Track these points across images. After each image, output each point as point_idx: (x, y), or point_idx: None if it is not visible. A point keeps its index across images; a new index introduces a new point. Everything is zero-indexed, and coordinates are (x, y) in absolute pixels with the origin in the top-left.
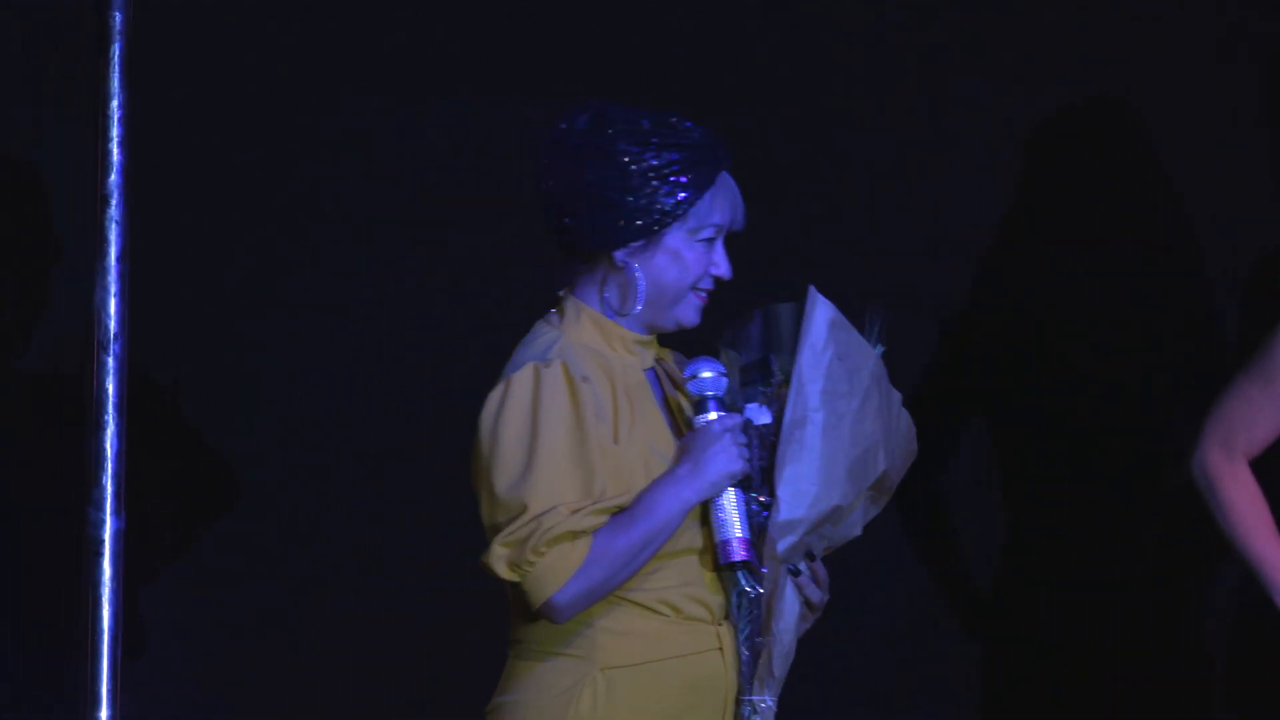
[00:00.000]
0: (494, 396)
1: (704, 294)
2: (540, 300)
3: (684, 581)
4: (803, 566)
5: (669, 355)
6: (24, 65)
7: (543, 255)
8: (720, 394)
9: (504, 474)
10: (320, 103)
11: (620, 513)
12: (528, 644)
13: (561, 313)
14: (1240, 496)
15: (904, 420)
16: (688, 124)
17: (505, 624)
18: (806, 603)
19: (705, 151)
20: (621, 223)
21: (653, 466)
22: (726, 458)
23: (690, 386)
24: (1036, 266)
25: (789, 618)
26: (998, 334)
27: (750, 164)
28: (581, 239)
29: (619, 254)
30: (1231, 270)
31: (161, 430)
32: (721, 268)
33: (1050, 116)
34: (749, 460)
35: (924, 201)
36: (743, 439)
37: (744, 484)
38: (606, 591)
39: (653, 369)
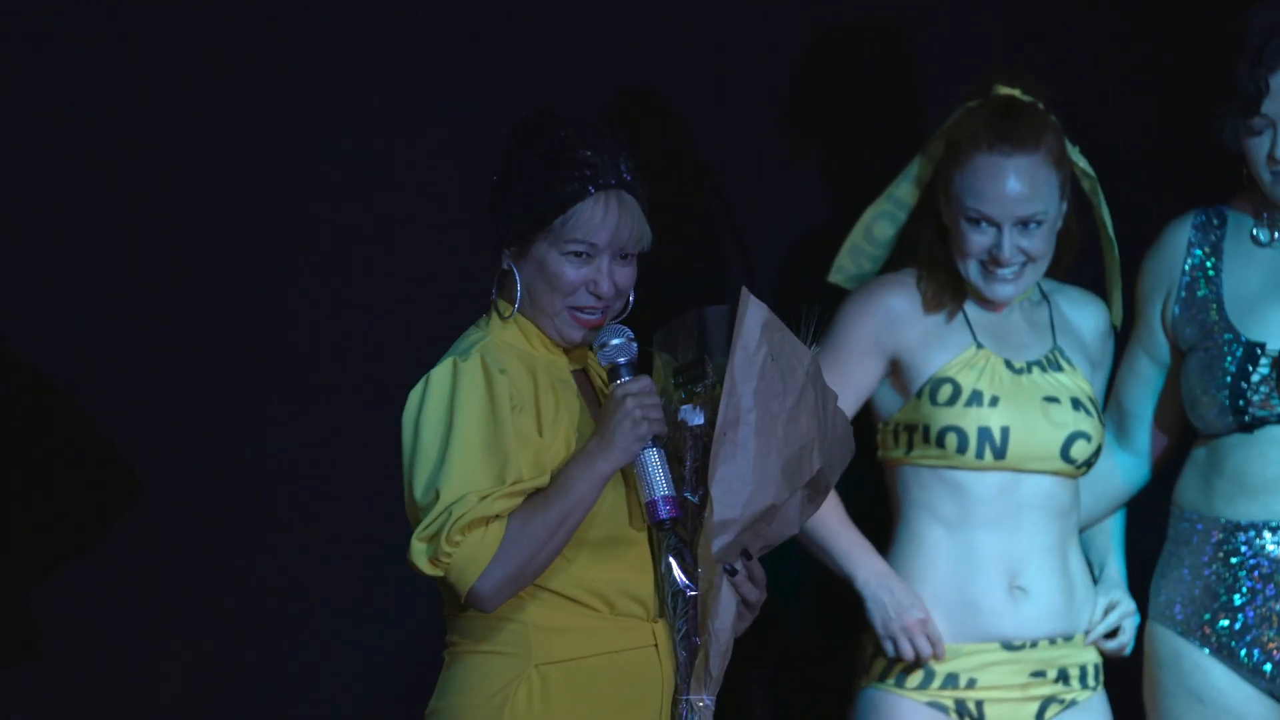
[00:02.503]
0: (414, 394)
1: (585, 317)
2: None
3: (616, 576)
4: (739, 565)
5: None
6: None
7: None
8: (629, 360)
9: (423, 469)
10: (320, 104)
11: (535, 494)
12: (461, 644)
13: (487, 314)
14: None
15: (840, 420)
16: (583, 138)
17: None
18: (744, 601)
19: (578, 167)
20: (500, 226)
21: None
22: (630, 421)
23: (599, 357)
24: None
25: (725, 616)
26: None
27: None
28: (490, 240)
29: (505, 256)
30: None
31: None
32: (600, 287)
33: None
34: (661, 420)
35: None
36: (651, 400)
37: (664, 445)
38: (531, 574)
39: (583, 369)
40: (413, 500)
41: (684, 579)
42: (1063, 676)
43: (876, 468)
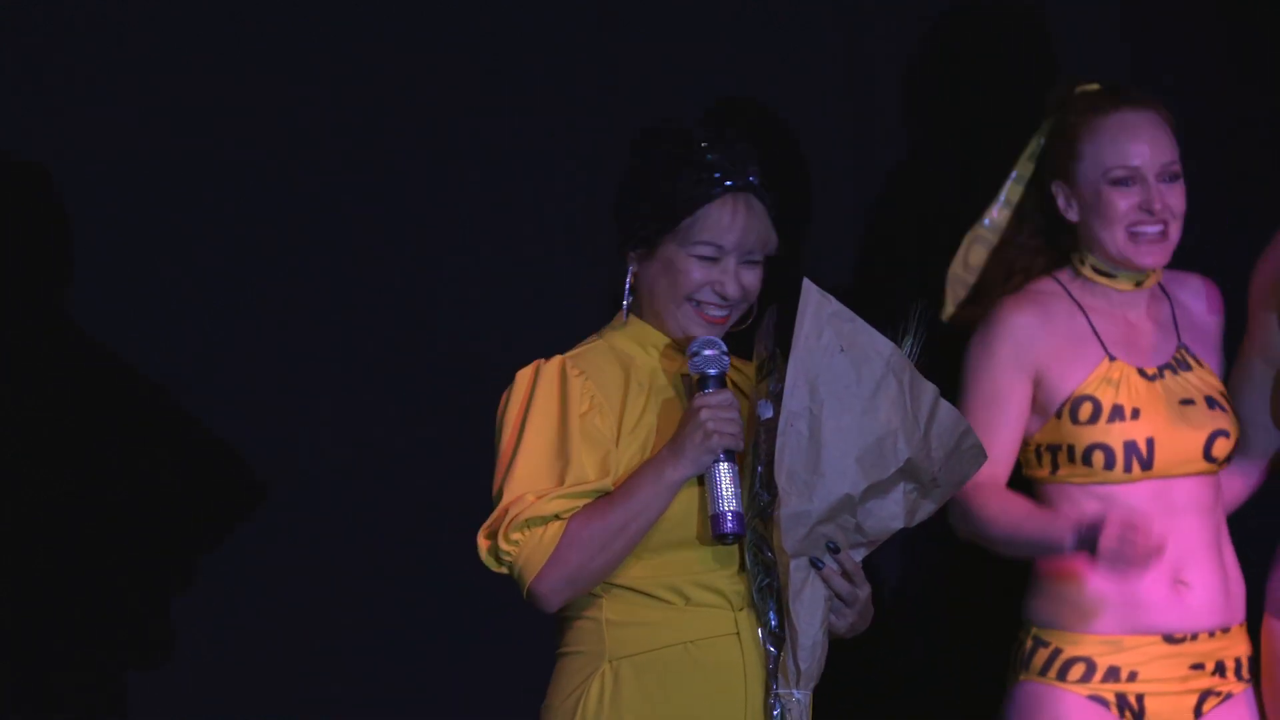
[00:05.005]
0: (503, 397)
1: (711, 313)
2: (542, 302)
3: (689, 569)
4: (826, 559)
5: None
6: None
7: (543, 258)
8: (719, 372)
9: (498, 468)
10: (324, 104)
11: (600, 497)
12: (560, 646)
13: (617, 316)
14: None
15: (945, 415)
16: (711, 141)
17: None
18: (837, 595)
19: (711, 171)
20: (630, 227)
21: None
22: (702, 434)
23: (690, 365)
24: None
25: (812, 611)
26: None
27: None
28: (616, 239)
29: (631, 256)
30: None
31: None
32: (725, 287)
33: None
34: (735, 435)
35: None
36: (728, 415)
37: (738, 459)
38: (590, 576)
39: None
40: (492, 499)
41: (765, 574)
42: (1219, 669)
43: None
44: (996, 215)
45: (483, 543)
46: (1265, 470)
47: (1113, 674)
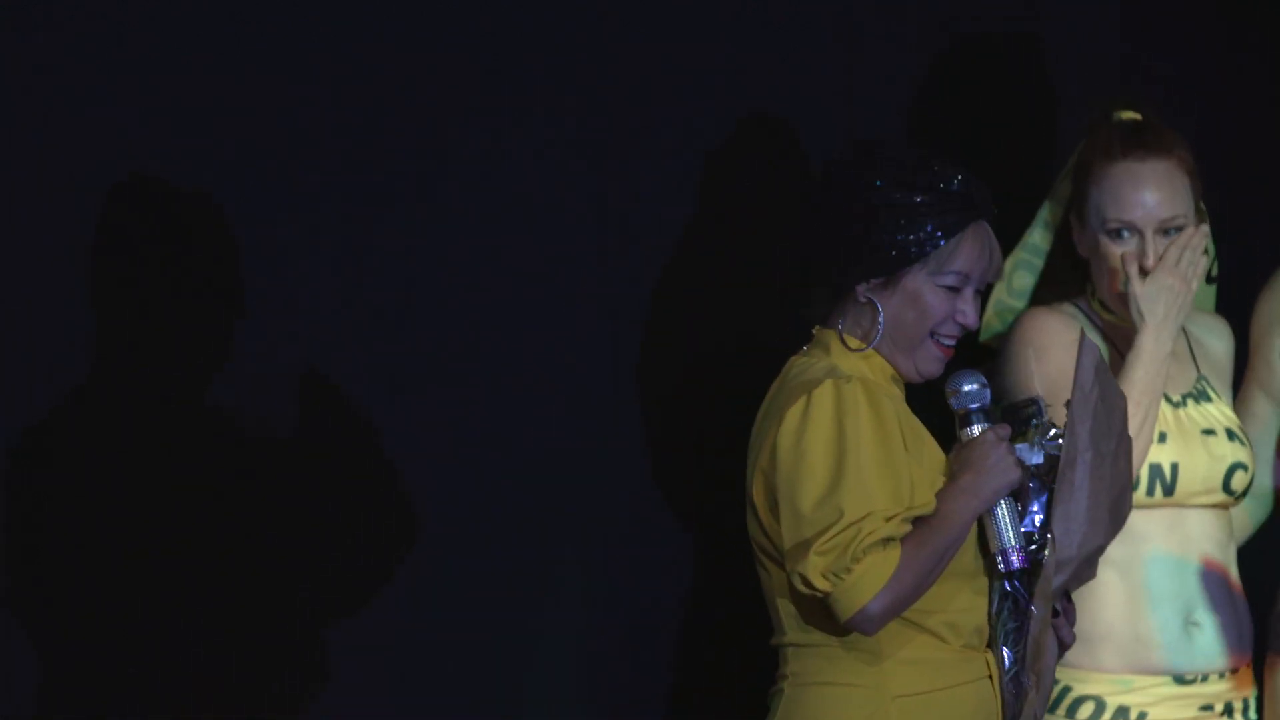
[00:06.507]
0: (794, 413)
1: (947, 343)
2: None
3: (964, 606)
4: (1058, 605)
5: None
6: None
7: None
8: (984, 406)
9: (813, 486)
10: (324, 104)
11: (919, 522)
12: (806, 675)
13: (820, 345)
14: None
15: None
16: (950, 170)
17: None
18: (1061, 643)
19: (958, 199)
20: (864, 258)
21: (937, 482)
22: (1005, 467)
23: (951, 401)
24: None
25: (1051, 657)
26: None
27: None
28: (833, 271)
29: (861, 289)
30: None
31: None
32: (968, 317)
33: None
34: (1021, 472)
35: None
36: (1013, 449)
37: (1016, 495)
38: (911, 601)
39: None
40: (799, 517)
41: (1017, 618)
42: (1228, 710)
43: None
44: (1038, 238)
45: (816, 560)
46: (1273, 504)
47: (1122, 713)
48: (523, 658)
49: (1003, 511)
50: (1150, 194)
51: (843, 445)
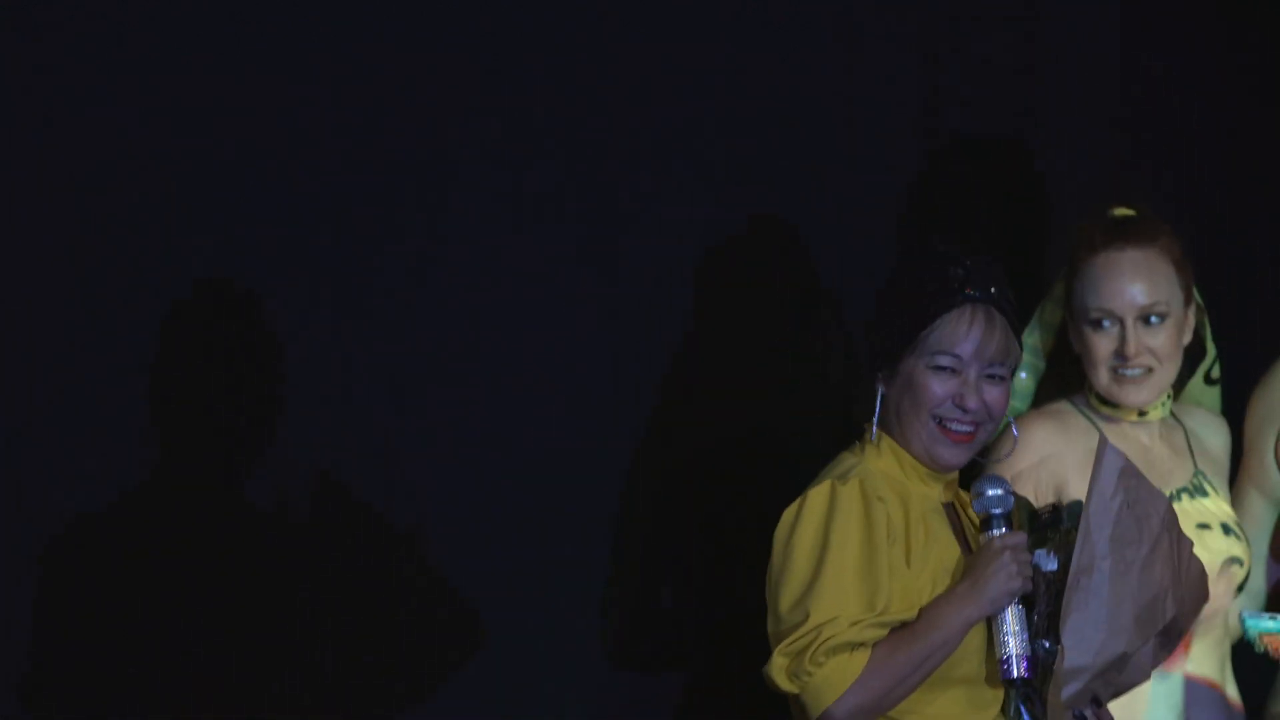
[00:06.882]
0: (789, 512)
1: (954, 429)
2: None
3: (963, 710)
4: (1089, 713)
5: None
6: None
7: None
8: (1004, 511)
9: (792, 586)
10: (324, 104)
11: (901, 627)
12: None
13: (860, 441)
14: None
15: (1195, 565)
16: (949, 254)
17: None
18: None
19: (948, 283)
20: (873, 350)
21: (942, 586)
22: (1006, 575)
23: (974, 505)
24: None
25: None
26: None
27: None
28: (864, 369)
29: (879, 379)
30: None
31: None
32: (966, 400)
33: None
34: (1029, 578)
35: None
36: (1025, 557)
37: (1026, 602)
38: (885, 707)
39: (951, 503)
40: (776, 615)
41: (1024, 701)
42: None
43: None
44: (1036, 339)
45: (780, 660)
46: (1266, 600)
47: None
48: (523, 658)
49: (1010, 619)
50: (1129, 282)
51: (825, 548)
